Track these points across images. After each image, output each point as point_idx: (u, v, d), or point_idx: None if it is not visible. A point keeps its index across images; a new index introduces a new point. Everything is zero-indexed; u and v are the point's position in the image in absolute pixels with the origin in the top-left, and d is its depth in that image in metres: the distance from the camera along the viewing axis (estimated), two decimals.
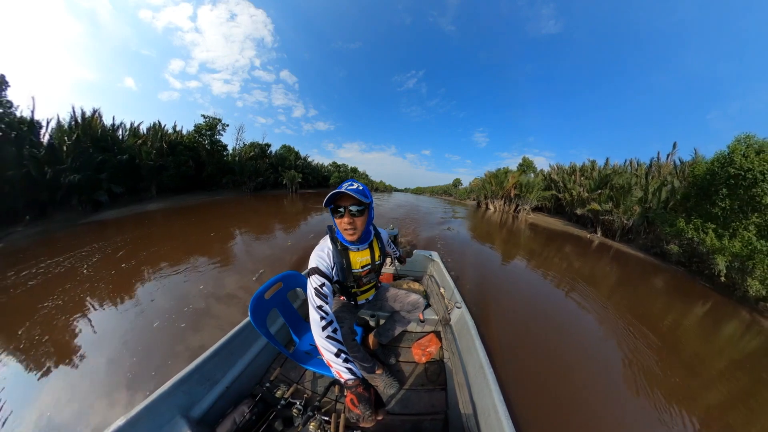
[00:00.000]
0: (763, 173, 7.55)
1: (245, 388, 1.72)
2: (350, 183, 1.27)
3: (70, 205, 12.57)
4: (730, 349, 4.59)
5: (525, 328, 4.24)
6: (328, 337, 1.08)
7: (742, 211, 8.15)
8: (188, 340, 3.24)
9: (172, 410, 1.30)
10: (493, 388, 1.35)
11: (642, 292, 6.77)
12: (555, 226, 17.26)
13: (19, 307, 4.02)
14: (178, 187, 18.84)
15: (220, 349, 1.58)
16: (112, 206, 13.94)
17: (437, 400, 1.79)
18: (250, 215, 13.74)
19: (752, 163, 7.73)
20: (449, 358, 2.04)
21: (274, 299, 1.79)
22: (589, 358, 3.79)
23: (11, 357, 2.97)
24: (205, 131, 22.02)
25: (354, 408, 0.90)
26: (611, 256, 10.90)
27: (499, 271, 7.25)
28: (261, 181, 26.51)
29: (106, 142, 14.69)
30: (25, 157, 10.98)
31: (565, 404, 2.75)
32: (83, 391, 2.56)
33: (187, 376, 1.37)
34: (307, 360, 1.77)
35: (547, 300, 5.67)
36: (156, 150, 17.28)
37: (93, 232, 9.43)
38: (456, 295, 2.43)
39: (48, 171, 11.58)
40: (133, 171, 15.94)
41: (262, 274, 5.36)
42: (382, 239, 1.65)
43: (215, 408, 1.49)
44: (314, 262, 1.30)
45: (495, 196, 24.96)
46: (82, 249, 6.93)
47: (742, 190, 8.01)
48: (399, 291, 1.91)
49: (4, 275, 5.17)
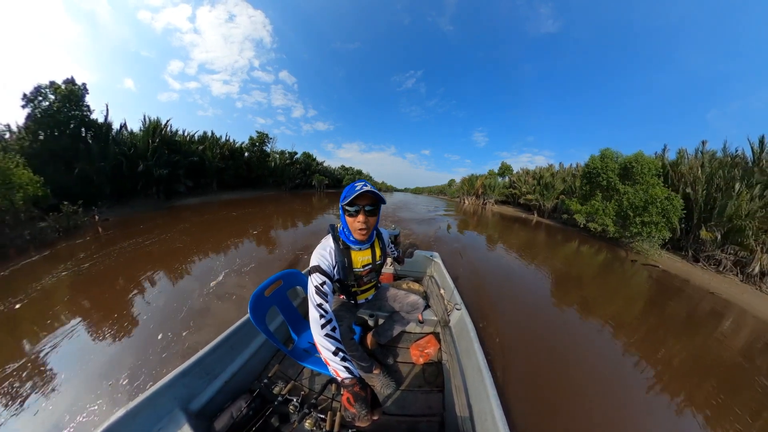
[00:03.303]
0: (602, 169, 13.81)
1: (243, 384, 1.73)
2: (364, 183, 1.28)
3: (146, 194, 15.68)
4: (583, 255, 10.55)
5: (474, 270, 6.73)
6: (327, 336, 1.08)
7: (593, 190, 14.63)
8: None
9: (172, 402, 1.32)
10: (491, 392, 1.34)
11: (552, 242, 12.65)
12: (509, 212, 24.61)
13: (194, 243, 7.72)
14: (234, 184, 23.97)
15: (220, 344, 1.60)
16: (185, 196, 17.92)
17: (434, 402, 1.78)
18: (302, 206, 19.19)
19: (597, 165, 14.12)
20: (447, 360, 2.04)
21: (274, 297, 1.80)
22: (524, 285, 6.32)
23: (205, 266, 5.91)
24: (257, 143, 28.39)
25: (350, 407, 0.91)
26: (541, 227, 17.48)
27: (462, 237, 11.58)
28: (298, 182, 34.49)
29: (175, 145, 18.29)
30: (113, 154, 13.93)
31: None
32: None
33: (188, 369, 1.39)
34: (306, 358, 1.78)
35: (494, 252, 9.53)
36: (220, 155, 22.48)
37: (190, 211, 13.90)
38: (456, 297, 2.42)
39: (141, 165, 15.04)
40: (200, 170, 20.37)
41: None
42: (383, 239, 1.65)
43: (214, 402, 1.51)
44: (316, 260, 1.31)
45: (469, 194, 34.39)
46: (202, 217, 11.65)
47: (593, 179, 14.38)
48: (399, 291, 1.91)
49: (166, 232, 8.94)
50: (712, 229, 10.35)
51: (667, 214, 10.61)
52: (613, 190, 13.07)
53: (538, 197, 21.87)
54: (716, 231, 10.23)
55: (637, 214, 11.11)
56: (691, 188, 11.72)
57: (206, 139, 22.45)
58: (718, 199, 10.51)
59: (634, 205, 11.30)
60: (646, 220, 10.84)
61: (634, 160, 12.40)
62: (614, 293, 6.64)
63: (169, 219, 11.28)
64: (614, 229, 12.33)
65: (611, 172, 13.18)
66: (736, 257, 9.51)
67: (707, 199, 11.16)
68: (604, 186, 13.62)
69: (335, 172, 52.49)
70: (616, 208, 12.36)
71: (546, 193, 21.33)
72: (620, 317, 4.99)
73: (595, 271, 8.61)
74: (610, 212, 12.53)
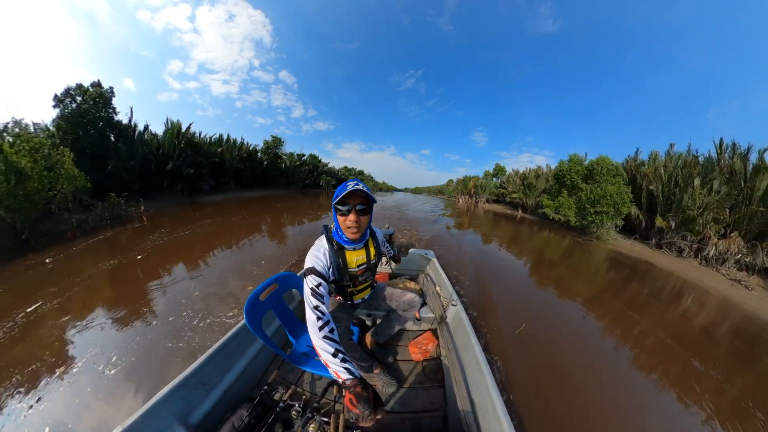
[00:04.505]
0: (567, 171, 16.21)
1: (243, 392, 1.71)
2: (356, 182, 1.27)
3: (171, 191, 17.18)
4: (551, 240, 12.63)
5: (460, 253, 7.89)
6: (325, 338, 1.07)
7: (561, 189, 16.81)
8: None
9: (169, 417, 1.28)
10: (490, 383, 1.36)
11: (533, 231, 14.94)
12: (497, 209, 26.79)
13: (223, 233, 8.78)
14: (250, 183, 26.32)
15: (215, 353, 1.56)
16: (207, 194, 19.74)
17: (435, 397, 1.80)
18: (313, 203, 21.39)
19: (564, 168, 16.50)
20: (446, 356, 2.06)
21: (269, 301, 1.77)
22: (509, 271, 7.09)
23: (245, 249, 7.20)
24: (272, 146, 31.02)
25: (353, 408, 0.91)
26: (524, 221, 19.44)
27: (455, 228, 13.21)
28: (307, 182, 37.42)
29: (196, 147, 19.81)
30: (141, 154, 15.22)
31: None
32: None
33: (183, 382, 1.35)
34: (305, 361, 1.76)
35: (476, 236, 11.52)
36: (238, 157, 24.39)
37: (216, 206, 15.48)
38: (452, 293, 2.44)
39: (171, 165, 16.62)
40: (220, 170, 22.08)
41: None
42: (377, 238, 1.65)
43: (213, 413, 1.48)
44: (310, 262, 1.30)
45: (463, 194, 36.86)
46: (227, 214, 12.54)
47: (560, 179, 16.77)
48: (395, 290, 1.91)
49: (201, 220, 10.56)
50: (668, 219, 12.19)
51: (617, 205, 13.18)
52: (576, 188, 15.61)
53: (522, 196, 24.42)
54: (671, 220, 12.00)
55: (592, 206, 13.87)
56: (655, 185, 13.54)
57: (223, 142, 24.33)
58: (676, 193, 12.28)
59: (590, 200, 13.99)
60: (598, 210, 13.54)
61: (596, 163, 14.76)
62: (573, 268, 8.38)
63: (215, 210, 13.70)
64: (575, 219, 15.06)
65: (575, 174, 15.80)
66: (696, 244, 11.07)
67: (667, 194, 12.84)
68: (569, 185, 16.12)
69: (339, 172, 55.62)
70: (577, 202, 15.09)
71: (528, 192, 23.87)
72: (569, 284, 6.59)
73: (559, 251, 10.60)
74: (572, 206, 15.38)
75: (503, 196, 29.07)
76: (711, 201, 10.97)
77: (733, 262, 9.74)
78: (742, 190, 10.77)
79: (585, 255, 10.26)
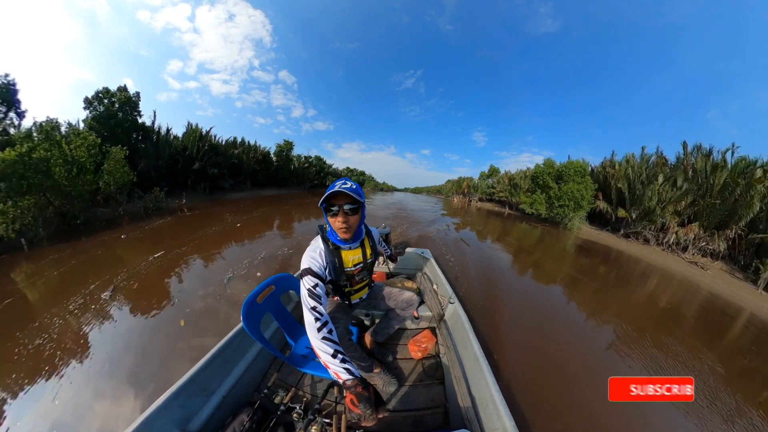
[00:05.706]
0: (540, 173, 19.17)
1: (243, 396, 1.69)
2: (344, 182, 1.26)
3: (195, 188, 18.80)
4: (526, 229, 15.57)
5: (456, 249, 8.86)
6: (324, 339, 1.07)
7: (536, 188, 19.85)
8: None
9: (168, 426, 1.26)
10: (489, 378, 1.37)
11: (515, 224, 17.19)
12: (487, 207, 29.65)
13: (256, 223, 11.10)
14: (264, 183, 29.06)
15: (213, 358, 1.54)
16: (228, 192, 21.76)
17: (436, 394, 1.80)
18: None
19: (538, 170, 19.60)
20: (445, 353, 2.06)
21: (266, 303, 1.76)
22: (498, 262, 8.10)
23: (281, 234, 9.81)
24: (285, 150, 33.80)
25: (354, 408, 0.90)
26: (510, 217, 21.91)
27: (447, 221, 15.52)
28: (315, 182, 41.50)
29: (216, 148, 21.46)
30: (167, 154, 16.84)
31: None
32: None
33: (181, 389, 1.33)
34: (305, 363, 1.76)
35: (467, 229, 13.44)
36: (254, 158, 27.01)
37: (241, 202, 17.96)
38: (449, 291, 2.45)
39: (197, 164, 18.25)
40: (237, 170, 24.02)
41: None
42: (373, 237, 1.64)
43: (213, 419, 1.46)
44: (306, 263, 1.29)
45: (457, 193, 41.05)
46: (253, 209, 14.41)
47: (535, 180, 19.83)
48: (393, 289, 1.91)
49: (255, 209, 14.31)
50: (630, 211, 14.63)
51: (576, 201, 16.47)
52: (547, 187, 18.76)
53: (508, 195, 27.66)
54: (633, 212, 14.41)
55: (557, 201, 17.32)
56: (622, 183, 15.96)
57: (239, 144, 26.73)
58: (639, 189, 14.52)
59: (556, 196, 17.46)
60: (561, 204, 17.00)
61: (565, 166, 17.77)
62: (544, 251, 10.49)
63: (247, 205, 16.01)
64: (545, 213, 18.50)
65: (547, 176, 18.74)
66: (659, 232, 13.22)
67: (633, 190, 15.03)
68: (542, 185, 19.26)
69: (342, 173, 60.46)
70: (547, 199, 18.54)
71: (514, 192, 27.10)
72: (541, 264, 8.34)
73: (533, 238, 13.06)
74: (543, 202, 18.82)
75: (493, 195, 31.96)
76: (672, 195, 12.80)
77: (697, 249, 11.42)
78: (701, 186, 12.39)
79: (554, 241, 12.71)
